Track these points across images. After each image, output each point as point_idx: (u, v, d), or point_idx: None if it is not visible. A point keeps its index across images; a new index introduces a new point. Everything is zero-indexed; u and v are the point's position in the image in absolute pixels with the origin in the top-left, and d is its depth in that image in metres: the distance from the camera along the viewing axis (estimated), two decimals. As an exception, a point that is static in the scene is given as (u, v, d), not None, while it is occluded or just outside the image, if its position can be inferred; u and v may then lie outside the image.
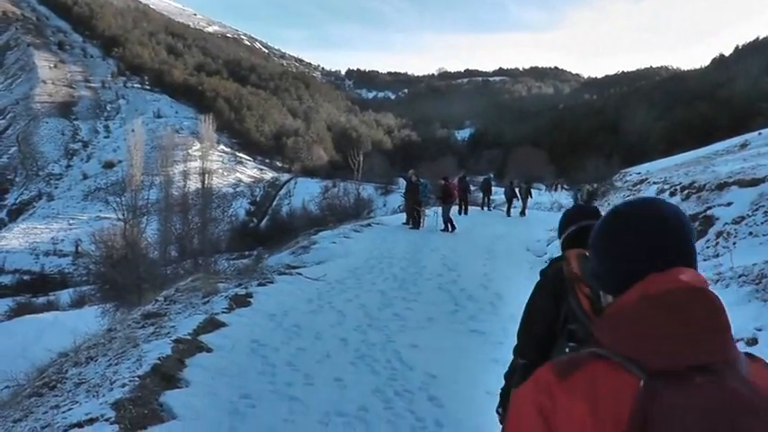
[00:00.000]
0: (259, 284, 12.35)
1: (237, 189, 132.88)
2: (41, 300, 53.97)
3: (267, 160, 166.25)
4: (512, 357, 3.78)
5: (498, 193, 41.87)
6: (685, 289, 1.45)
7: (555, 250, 19.56)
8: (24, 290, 74.31)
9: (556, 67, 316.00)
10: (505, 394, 3.76)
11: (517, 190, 34.40)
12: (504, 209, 34.09)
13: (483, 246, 18.98)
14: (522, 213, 33.52)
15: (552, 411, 1.42)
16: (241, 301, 10.62)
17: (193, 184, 36.44)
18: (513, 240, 22.16)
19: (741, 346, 7.69)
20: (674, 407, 1.32)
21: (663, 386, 1.34)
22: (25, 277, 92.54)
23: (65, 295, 52.11)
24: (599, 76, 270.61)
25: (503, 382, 3.90)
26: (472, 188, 36.61)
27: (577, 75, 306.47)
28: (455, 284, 8.25)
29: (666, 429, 1.30)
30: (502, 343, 9.41)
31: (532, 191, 36.06)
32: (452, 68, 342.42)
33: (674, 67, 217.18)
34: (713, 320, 1.43)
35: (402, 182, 45.38)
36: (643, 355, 1.40)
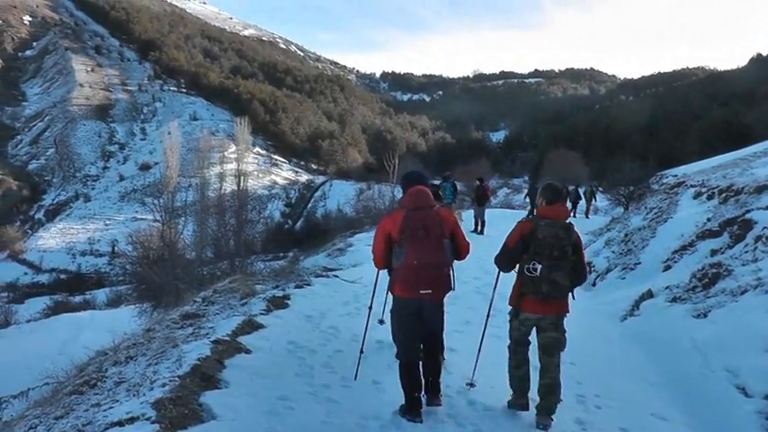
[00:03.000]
0: (296, 286, 12.38)
1: (273, 191, 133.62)
2: (78, 299, 54.60)
3: (302, 162, 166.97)
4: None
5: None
6: (417, 189, 6.48)
7: (591, 254, 19.46)
8: (61, 289, 75.24)
9: (592, 68, 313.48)
10: None
11: (582, 192, 35.12)
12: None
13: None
14: (587, 215, 34.04)
15: (384, 225, 6.51)
16: (279, 303, 10.64)
17: (229, 186, 36.56)
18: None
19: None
20: (411, 218, 6.26)
21: (410, 213, 6.30)
22: (62, 276, 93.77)
23: (101, 294, 52.70)
24: (635, 77, 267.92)
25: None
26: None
27: (613, 76, 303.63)
28: (492, 288, 8.30)
29: (411, 226, 6.22)
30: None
31: (596, 194, 36.23)
32: (487, 70, 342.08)
33: (711, 68, 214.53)
34: (424, 196, 6.44)
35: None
36: (406, 205, 6.43)
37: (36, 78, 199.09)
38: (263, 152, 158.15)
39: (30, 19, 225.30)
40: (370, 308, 7.51)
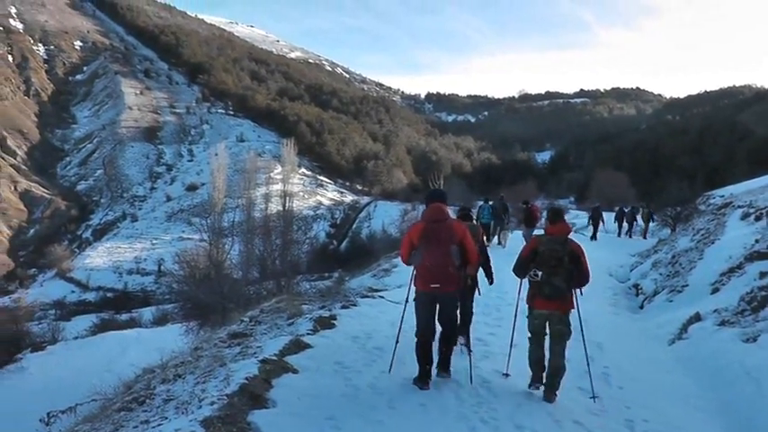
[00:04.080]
0: (342, 307, 12.45)
1: (318, 212, 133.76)
2: (124, 316, 54.90)
3: (347, 183, 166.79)
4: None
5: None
6: (435, 206, 8.23)
7: (638, 276, 19.26)
8: (108, 307, 75.75)
9: (637, 88, 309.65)
10: None
11: (639, 214, 35.41)
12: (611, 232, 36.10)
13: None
14: (644, 236, 34.00)
15: (410, 233, 8.34)
16: (325, 324, 10.70)
17: (275, 206, 36.73)
18: (596, 265, 21.77)
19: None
20: (428, 228, 8.04)
21: (427, 224, 8.08)
22: (108, 294, 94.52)
23: (147, 313, 53.00)
24: (681, 96, 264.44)
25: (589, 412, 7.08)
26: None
27: (659, 95, 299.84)
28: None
29: (426, 235, 8.00)
30: (587, 372, 9.30)
31: (654, 215, 35.97)
32: (533, 90, 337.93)
33: (758, 86, 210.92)
34: (440, 212, 8.16)
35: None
36: (425, 218, 8.22)
37: (86, 101, 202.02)
38: (309, 173, 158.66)
39: (80, 44, 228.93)
40: (407, 301, 8.80)
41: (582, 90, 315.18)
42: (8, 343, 28.54)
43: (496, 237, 26.58)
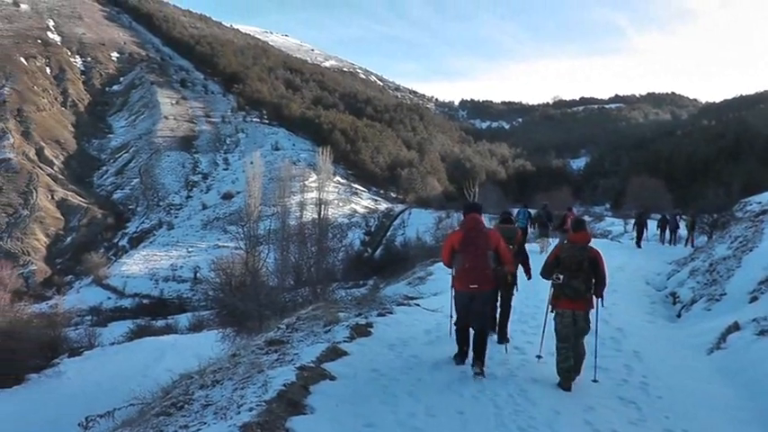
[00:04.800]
0: (379, 315, 12.50)
1: (353, 219, 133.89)
2: (160, 323, 55.26)
3: (382, 191, 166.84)
4: None
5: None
6: (471, 216, 9.53)
7: (676, 284, 19.07)
8: (143, 313, 76.32)
9: (673, 93, 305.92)
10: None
11: (683, 223, 35.15)
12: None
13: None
14: (691, 244, 33.62)
15: (450, 239, 9.50)
16: (362, 331, 10.73)
17: (310, 214, 36.82)
18: (633, 273, 21.71)
19: None
20: (467, 236, 9.21)
21: (466, 233, 9.29)
22: (145, 301, 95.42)
23: (183, 319, 53.24)
24: (717, 100, 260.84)
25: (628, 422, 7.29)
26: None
27: (695, 100, 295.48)
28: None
29: (465, 242, 9.14)
30: (626, 381, 9.25)
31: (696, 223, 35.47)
32: (567, 96, 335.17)
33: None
34: (477, 222, 9.46)
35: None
36: (463, 227, 9.52)
37: (122, 112, 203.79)
38: (344, 181, 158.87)
39: (117, 55, 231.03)
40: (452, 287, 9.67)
41: (617, 95, 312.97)
42: (46, 348, 28.86)
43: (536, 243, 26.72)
